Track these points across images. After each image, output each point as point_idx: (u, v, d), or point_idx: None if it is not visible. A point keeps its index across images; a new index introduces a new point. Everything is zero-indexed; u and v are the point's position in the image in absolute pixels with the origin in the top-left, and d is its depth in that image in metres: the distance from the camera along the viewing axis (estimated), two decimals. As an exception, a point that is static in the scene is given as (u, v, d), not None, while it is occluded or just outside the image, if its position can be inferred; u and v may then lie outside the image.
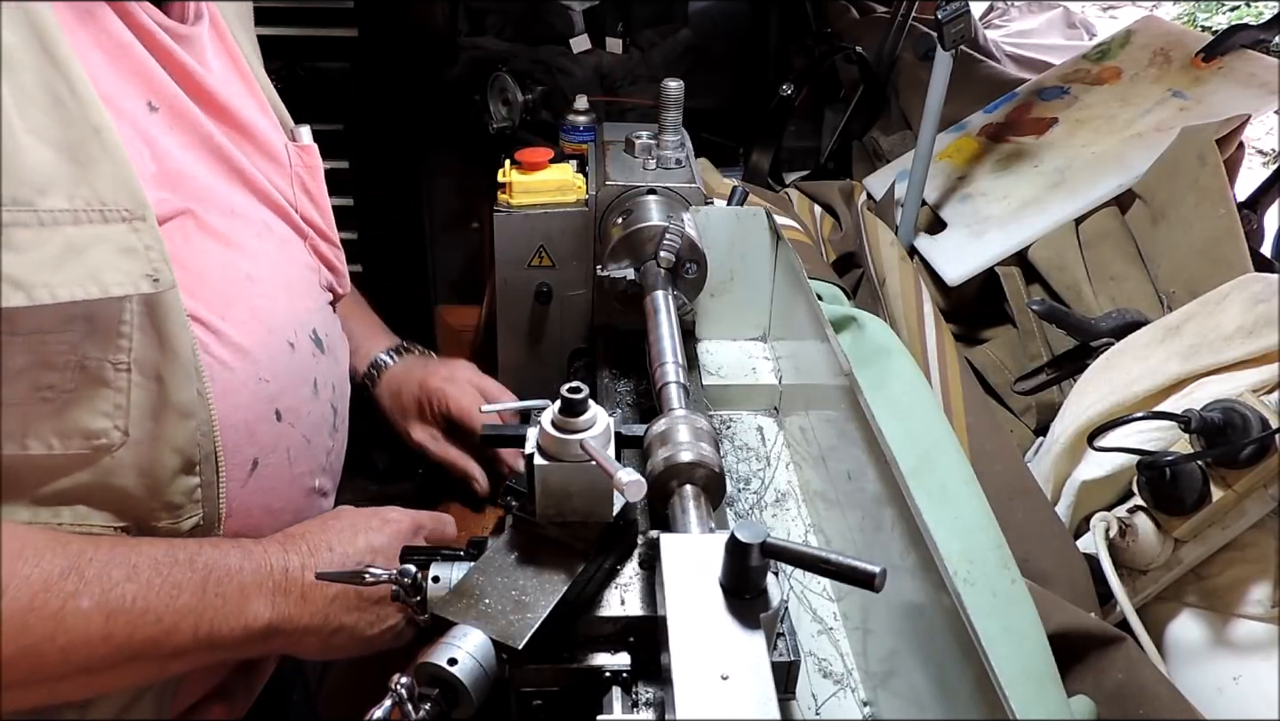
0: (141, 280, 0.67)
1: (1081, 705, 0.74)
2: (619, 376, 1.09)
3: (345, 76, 1.97)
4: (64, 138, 0.64)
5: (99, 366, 0.67)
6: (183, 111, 0.79)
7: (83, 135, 0.65)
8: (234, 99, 0.86)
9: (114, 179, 0.66)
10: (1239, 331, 0.90)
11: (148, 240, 0.67)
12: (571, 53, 2.16)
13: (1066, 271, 1.32)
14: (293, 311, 0.87)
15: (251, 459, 0.80)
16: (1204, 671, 0.83)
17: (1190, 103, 1.41)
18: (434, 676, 0.59)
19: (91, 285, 0.64)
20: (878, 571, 0.54)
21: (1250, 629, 0.83)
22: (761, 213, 1.14)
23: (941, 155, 1.62)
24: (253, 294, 0.81)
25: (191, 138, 0.80)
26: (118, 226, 0.66)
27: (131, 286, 0.66)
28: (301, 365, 0.87)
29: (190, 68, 0.80)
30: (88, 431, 0.67)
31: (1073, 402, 1.02)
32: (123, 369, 0.68)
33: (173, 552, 0.70)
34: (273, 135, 0.93)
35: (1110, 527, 0.88)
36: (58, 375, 0.66)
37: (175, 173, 0.77)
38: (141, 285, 0.67)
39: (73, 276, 0.64)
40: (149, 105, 0.76)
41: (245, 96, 0.91)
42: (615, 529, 0.70)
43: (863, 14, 2.14)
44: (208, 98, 0.83)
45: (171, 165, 0.76)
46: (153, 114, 0.76)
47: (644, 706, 0.64)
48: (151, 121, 0.76)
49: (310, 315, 0.91)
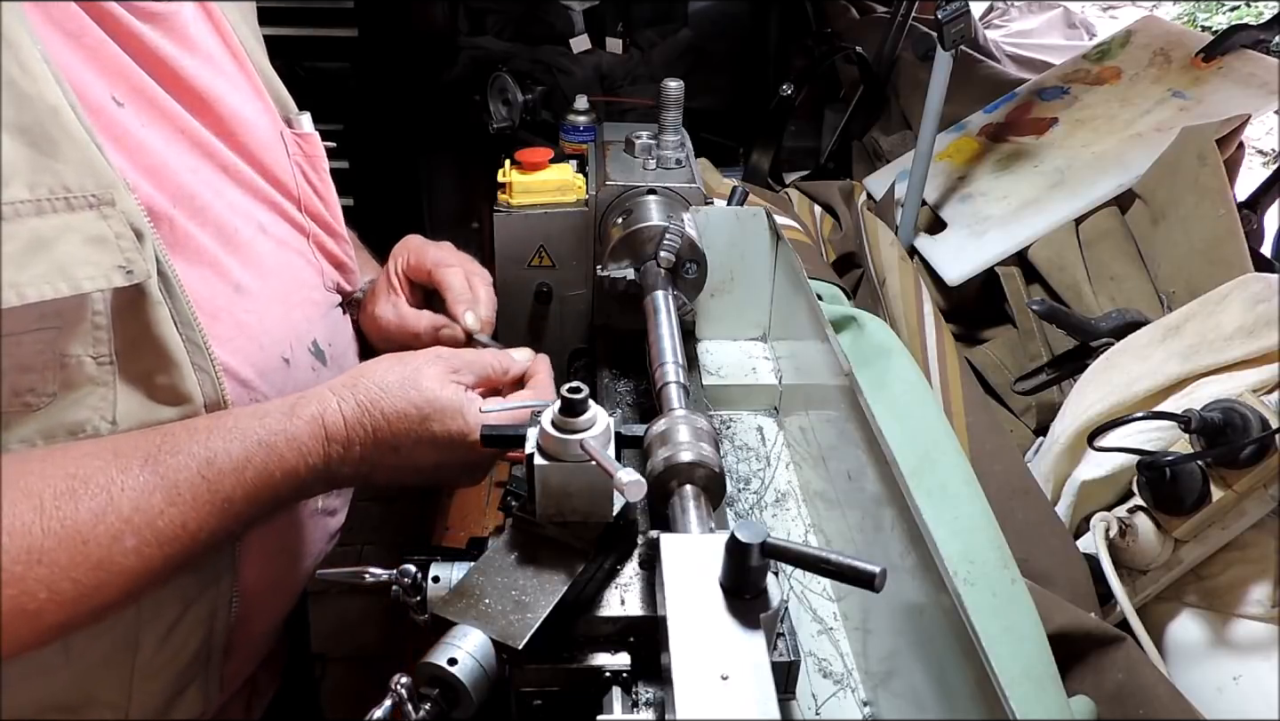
0: (114, 272, 0.63)
1: (1081, 705, 0.74)
2: (619, 376, 1.09)
3: (345, 76, 1.97)
4: (18, 120, 0.59)
5: (79, 362, 0.64)
6: (156, 103, 0.73)
7: (39, 115, 0.59)
8: (216, 85, 0.78)
9: (77, 162, 0.61)
10: (1239, 331, 0.90)
11: (118, 227, 0.63)
12: (571, 53, 2.16)
13: (1066, 271, 1.32)
14: (288, 323, 0.81)
15: None
16: (1204, 671, 0.83)
17: (1190, 103, 1.41)
18: (434, 676, 0.59)
19: (60, 282, 0.60)
20: (878, 571, 0.54)
21: (1250, 629, 0.83)
22: (761, 213, 1.14)
23: (941, 155, 1.63)
24: (240, 308, 0.76)
25: (169, 132, 0.74)
26: (85, 214, 0.62)
27: (104, 280, 0.62)
28: (298, 382, 0.81)
29: (162, 53, 0.73)
30: (72, 427, 0.65)
31: (1073, 402, 1.02)
32: (105, 362, 0.65)
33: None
34: (264, 123, 0.85)
35: (1110, 527, 0.88)
36: (37, 376, 0.63)
37: (151, 170, 0.70)
38: (114, 278, 0.63)
39: (40, 274, 0.60)
40: (114, 100, 0.69)
41: (236, 79, 0.83)
42: (615, 529, 0.70)
43: (863, 14, 2.14)
44: (184, 86, 0.75)
45: (146, 162, 0.70)
46: (120, 109, 0.69)
47: (644, 706, 0.64)
48: (120, 116, 0.69)
49: (310, 325, 0.85)
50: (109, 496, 0.62)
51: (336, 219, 0.92)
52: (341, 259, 0.92)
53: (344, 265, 0.93)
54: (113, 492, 0.63)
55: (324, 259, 0.90)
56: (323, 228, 0.90)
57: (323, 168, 0.90)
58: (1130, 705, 0.75)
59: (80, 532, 0.61)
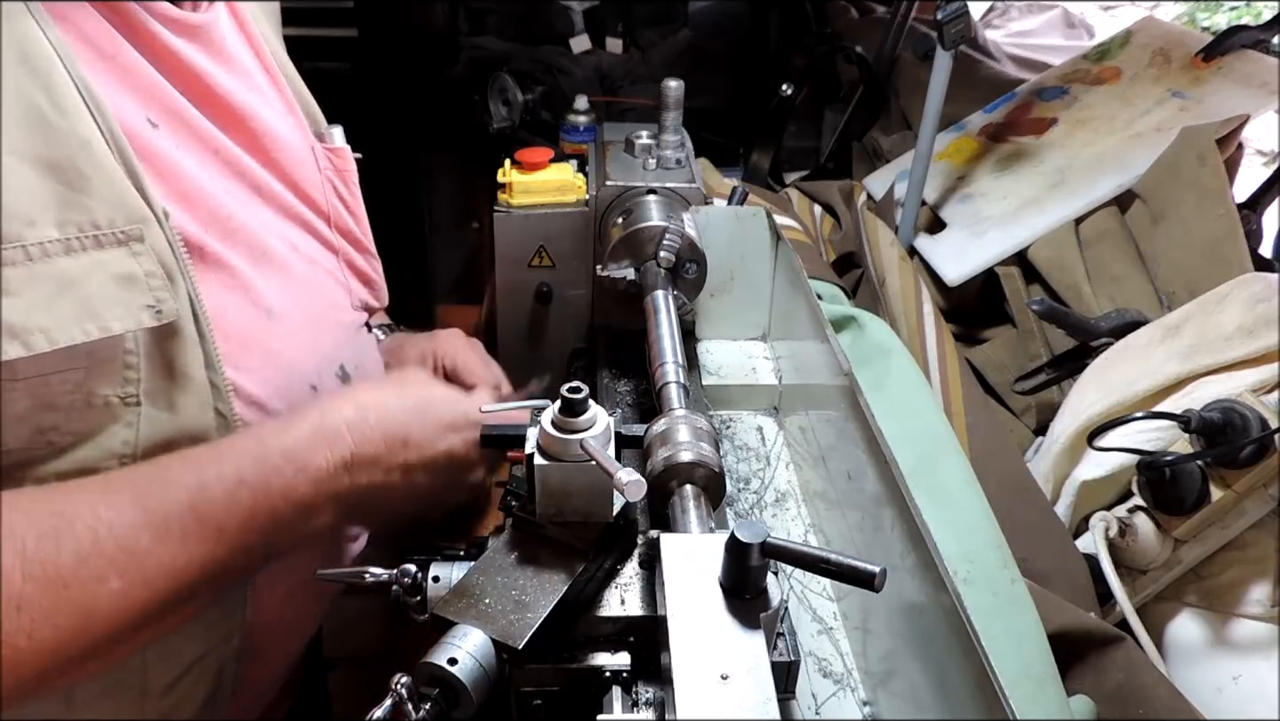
0: (142, 313, 0.61)
1: (1081, 705, 0.74)
2: (619, 376, 1.09)
3: (345, 76, 1.97)
4: (49, 156, 0.58)
5: (105, 402, 0.62)
6: (190, 122, 0.71)
7: (70, 151, 0.58)
8: (251, 100, 0.77)
9: (107, 197, 0.60)
10: (1239, 331, 0.90)
11: (148, 265, 0.62)
12: (571, 53, 2.16)
13: (1066, 271, 1.32)
14: (316, 349, 0.80)
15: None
16: (1204, 671, 0.83)
17: (1190, 103, 1.41)
18: (434, 676, 0.59)
19: (90, 324, 0.59)
20: (878, 571, 0.54)
21: (1250, 629, 0.83)
22: (761, 213, 1.14)
23: (941, 155, 1.63)
24: (271, 336, 0.74)
25: (203, 152, 0.72)
26: (114, 251, 0.60)
27: (132, 321, 0.61)
28: None
29: (198, 69, 0.72)
30: (94, 466, 0.63)
31: (1073, 402, 1.02)
32: (132, 402, 0.63)
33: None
34: (296, 138, 0.84)
35: (1110, 527, 0.88)
36: (62, 415, 0.61)
37: (184, 195, 0.68)
38: (143, 318, 0.61)
39: (70, 316, 0.58)
40: (149, 121, 0.67)
41: (269, 94, 0.82)
42: (615, 529, 0.70)
43: (863, 14, 2.14)
44: (219, 103, 0.74)
45: (180, 186, 0.68)
46: (155, 131, 0.68)
47: (644, 706, 0.64)
48: (155, 139, 0.67)
49: (337, 350, 0.83)
50: (94, 536, 0.60)
51: (366, 234, 0.91)
52: (370, 275, 0.91)
53: (372, 282, 0.92)
54: (99, 532, 0.60)
55: (353, 276, 0.89)
56: (352, 244, 0.89)
57: (353, 181, 0.89)
58: (1130, 705, 0.75)
59: (62, 576, 0.58)
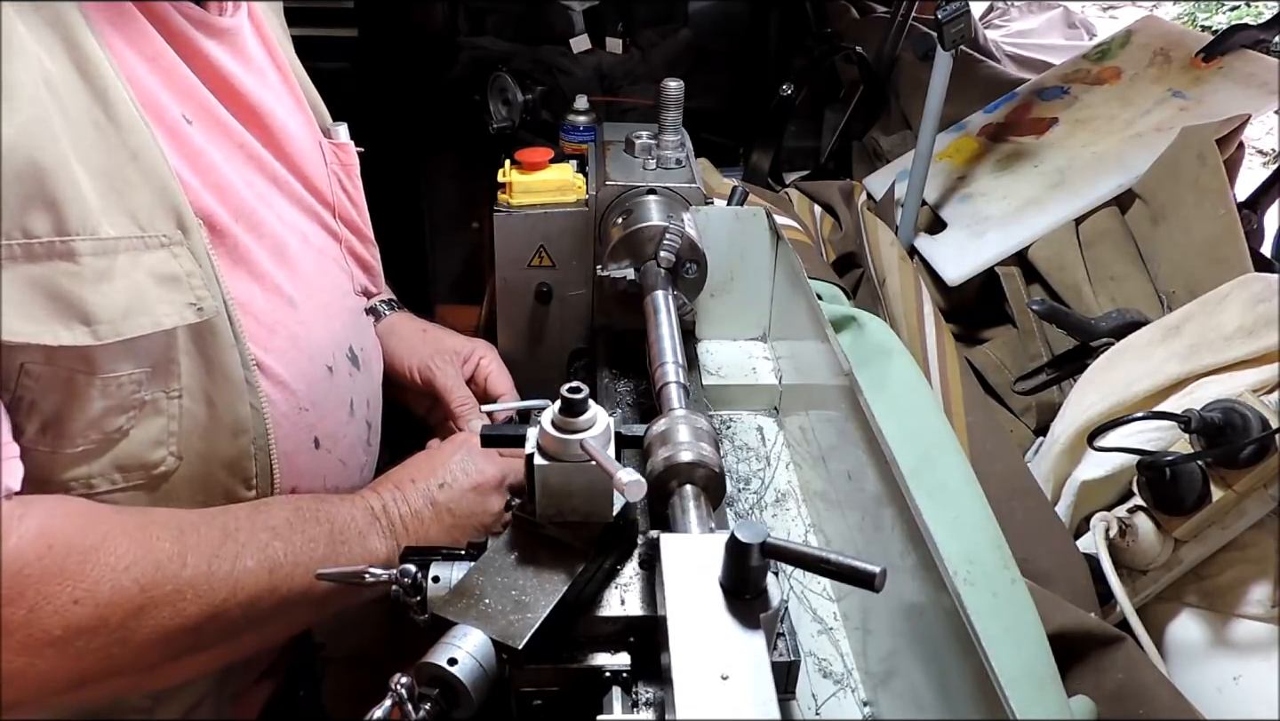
0: (186, 310, 0.66)
1: (1081, 705, 0.74)
2: (619, 376, 1.09)
3: (345, 76, 1.97)
4: (104, 165, 0.62)
5: (155, 398, 0.67)
6: (218, 119, 0.76)
7: (120, 161, 0.63)
8: (268, 99, 0.82)
9: (151, 204, 0.65)
10: (1239, 331, 0.90)
11: (188, 265, 0.66)
12: (571, 53, 2.16)
13: (1066, 271, 1.32)
14: (329, 332, 0.85)
15: (290, 488, 0.80)
16: (1204, 671, 0.83)
17: (1190, 103, 1.41)
18: (434, 676, 0.59)
19: (144, 318, 0.63)
20: (878, 571, 0.54)
21: (1250, 629, 0.83)
22: (761, 213, 1.14)
23: (941, 155, 1.63)
24: (293, 320, 0.79)
25: (229, 147, 0.77)
26: (157, 253, 0.65)
27: (177, 317, 0.65)
28: (339, 388, 0.86)
29: (225, 71, 0.77)
30: (146, 463, 0.67)
31: (1073, 402, 1.02)
32: (175, 396, 0.67)
33: (300, 511, 0.73)
34: (306, 134, 0.89)
35: (1110, 527, 0.88)
36: (126, 417, 0.65)
37: (217, 188, 0.73)
38: (186, 315, 0.66)
39: (135, 308, 0.63)
40: (184, 118, 0.72)
41: (281, 92, 0.87)
42: (615, 529, 0.70)
43: (863, 14, 2.14)
44: (243, 102, 0.79)
45: (213, 180, 0.73)
46: (190, 127, 0.72)
47: (644, 706, 0.64)
48: (190, 134, 0.72)
49: (346, 332, 0.89)
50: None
51: (366, 223, 0.96)
52: (369, 262, 0.97)
53: (371, 268, 0.97)
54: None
55: (354, 263, 0.94)
56: (354, 232, 0.94)
57: (355, 175, 0.95)
58: (1130, 705, 0.74)
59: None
